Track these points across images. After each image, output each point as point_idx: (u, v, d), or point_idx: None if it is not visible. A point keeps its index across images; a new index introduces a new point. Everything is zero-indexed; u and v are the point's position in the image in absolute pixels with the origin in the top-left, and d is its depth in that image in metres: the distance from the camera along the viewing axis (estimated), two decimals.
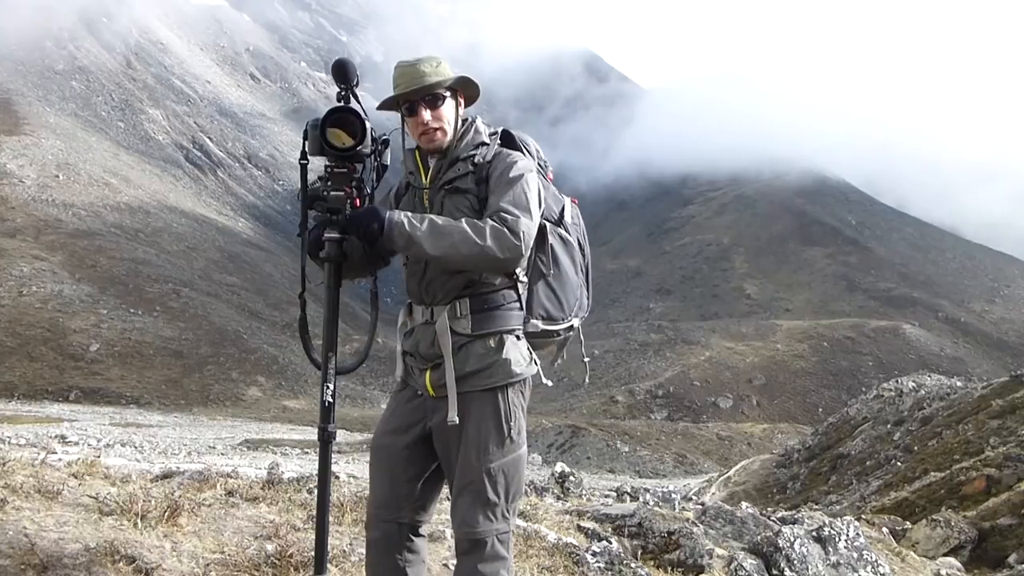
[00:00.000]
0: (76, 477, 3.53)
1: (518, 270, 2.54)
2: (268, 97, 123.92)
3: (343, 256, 2.54)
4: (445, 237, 2.38)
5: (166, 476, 4.51)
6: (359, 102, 2.55)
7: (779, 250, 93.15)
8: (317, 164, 2.61)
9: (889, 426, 24.40)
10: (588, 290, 2.78)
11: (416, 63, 2.54)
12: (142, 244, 65.52)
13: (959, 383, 30.99)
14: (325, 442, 2.56)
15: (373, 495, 2.68)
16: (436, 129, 2.56)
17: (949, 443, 18.48)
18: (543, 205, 2.58)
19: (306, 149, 2.54)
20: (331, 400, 2.52)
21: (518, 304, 2.57)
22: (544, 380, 2.66)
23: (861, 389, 47.47)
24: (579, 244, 2.72)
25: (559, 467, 7.77)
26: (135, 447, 24.62)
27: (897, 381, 32.40)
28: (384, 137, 2.61)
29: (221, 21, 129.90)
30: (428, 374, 2.55)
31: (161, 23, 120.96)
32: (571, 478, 7.54)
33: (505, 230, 2.39)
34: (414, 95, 2.53)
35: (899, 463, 19.72)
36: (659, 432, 43.60)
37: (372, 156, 2.57)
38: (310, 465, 20.85)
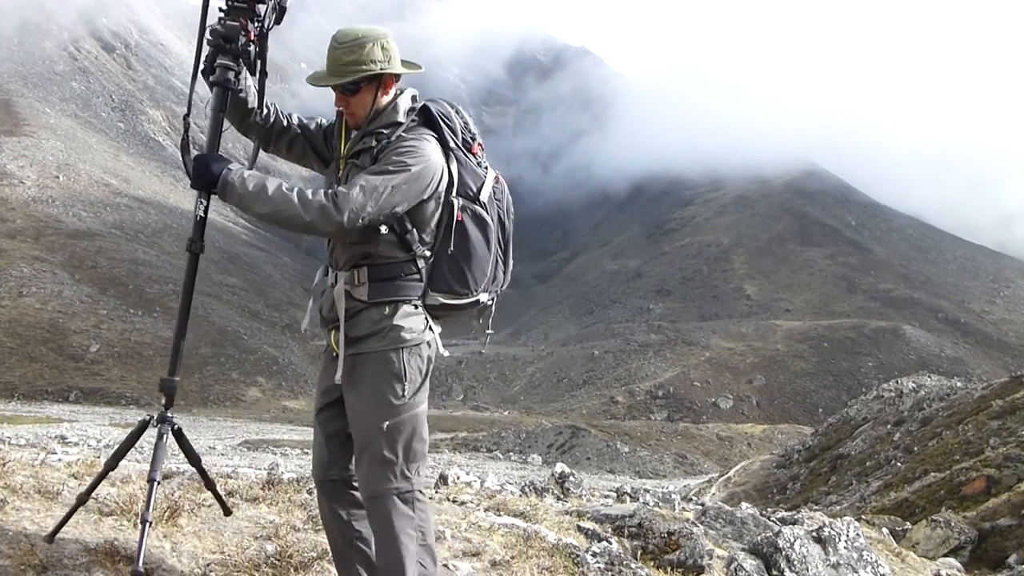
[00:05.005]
0: (76, 477, 3.53)
1: (417, 246, 2.61)
2: (268, 97, 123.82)
3: (230, 82, 2.66)
4: (271, 203, 2.46)
5: (166, 476, 4.49)
6: None
7: (779, 250, 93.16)
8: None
9: (889, 427, 24.40)
10: (506, 264, 2.82)
11: (341, 46, 2.58)
12: (142, 245, 65.54)
13: (959, 384, 31.01)
14: (194, 254, 2.70)
15: (311, 456, 2.85)
16: (351, 113, 2.66)
17: (949, 443, 18.47)
18: (431, 191, 2.58)
19: None
20: (203, 215, 2.65)
21: (417, 276, 2.64)
22: (441, 350, 2.73)
23: (861, 390, 47.44)
24: (499, 220, 2.76)
25: (559, 467, 7.76)
26: (135, 448, 24.58)
27: (897, 382, 32.41)
28: None
29: None
30: (332, 334, 2.68)
31: (161, 23, 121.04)
32: (571, 478, 7.53)
33: (331, 207, 2.44)
34: (323, 86, 2.64)
35: (899, 463, 19.72)
36: (659, 433, 43.62)
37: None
38: (309, 465, 20.83)
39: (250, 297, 64.98)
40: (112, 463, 2.69)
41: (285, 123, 2.86)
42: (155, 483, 2.53)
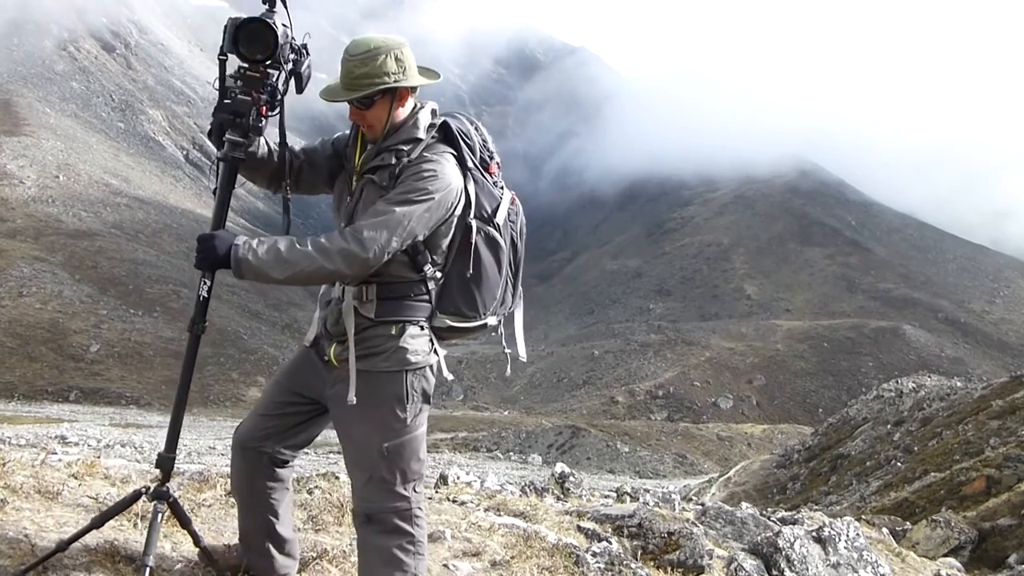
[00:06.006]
0: (76, 478, 3.53)
1: (428, 267, 2.56)
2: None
3: (238, 159, 2.58)
4: (291, 265, 2.38)
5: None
6: (285, 6, 2.58)
7: (779, 250, 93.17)
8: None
9: (889, 426, 24.41)
10: (515, 287, 2.79)
11: (354, 58, 2.49)
12: (142, 245, 65.54)
13: (959, 384, 31.03)
14: (196, 335, 2.64)
15: (244, 422, 2.79)
16: (367, 126, 2.59)
17: (949, 443, 18.48)
18: (449, 214, 2.53)
19: (224, 46, 2.55)
20: (206, 296, 2.58)
21: (427, 297, 2.59)
22: (446, 374, 2.69)
23: (861, 390, 47.48)
24: (512, 242, 2.72)
25: (559, 467, 7.77)
26: (135, 448, 24.63)
27: (897, 382, 32.42)
28: (305, 46, 2.63)
29: (221, 21, 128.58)
30: (333, 347, 2.61)
31: (161, 23, 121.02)
32: (571, 478, 7.54)
33: (354, 249, 2.39)
34: (337, 101, 2.54)
35: (899, 463, 19.72)
36: (659, 433, 43.61)
37: (290, 64, 2.59)
38: (310, 465, 20.84)
39: (250, 297, 64.96)
40: (99, 522, 2.62)
41: (290, 160, 2.79)
42: (148, 568, 2.43)
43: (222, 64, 2.56)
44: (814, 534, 4.94)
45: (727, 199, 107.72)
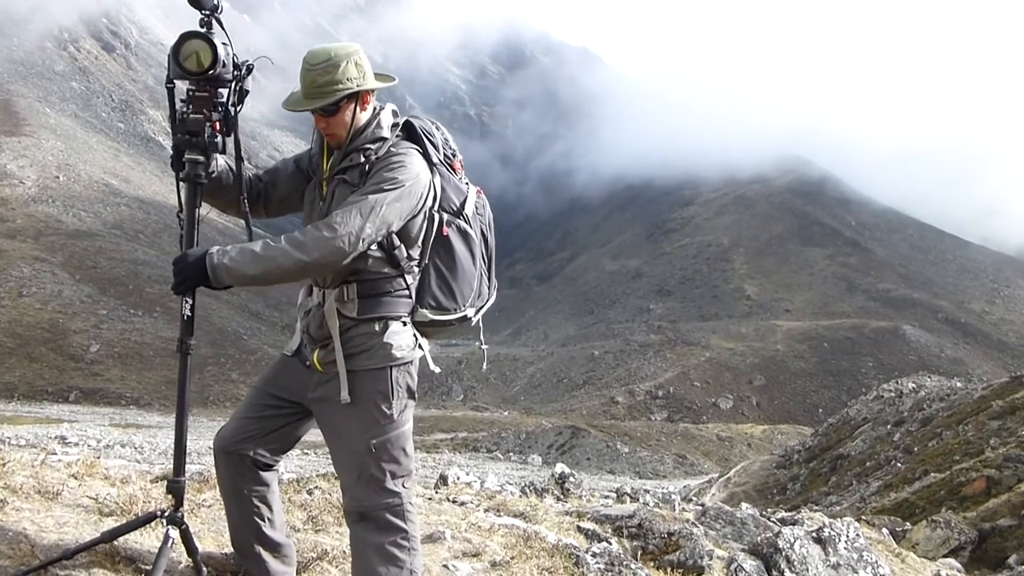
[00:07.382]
0: (76, 478, 3.53)
1: (404, 262, 2.61)
2: (268, 98, 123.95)
3: (200, 177, 2.63)
4: (267, 261, 2.42)
5: (166, 477, 4.50)
6: (222, 27, 2.63)
7: (779, 251, 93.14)
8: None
9: (889, 427, 24.40)
10: (490, 280, 2.85)
11: (315, 68, 2.54)
12: (142, 245, 65.53)
13: (959, 384, 31.00)
14: (185, 354, 2.66)
15: (224, 427, 2.79)
16: (331, 133, 2.64)
17: (949, 444, 18.48)
18: (421, 205, 2.59)
19: (170, 74, 2.57)
20: (190, 315, 2.63)
21: (407, 292, 2.64)
22: (432, 367, 2.74)
23: (861, 390, 47.43)
24: (482, 234, 2.78)
25: (559, 468, 7.76)
26: (135, 448, 24.65)
27: (897, 382, 32.40)
28: (248, 63, 2.66)
29: (222, 21, 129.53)
30: (317, 351, 2.64)
31: (161, 23, 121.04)
32: (571, 479, 7.53)
33: (327, 236, 2.43)
34: (303, 110, 2.58)
35: (899, 464, 19.72)
36: (659, 433, 43.59)
37: (234, 81, 2.63)
38: (310, 465, 20.86)
39: (250, 297, 64.97)
40: (109, 537, 2.65)
41: (253, 183, 2.81)
42: None
43: (170, 92, 2.60)
44: (814, 535, 4.95)
45: (727, 199, 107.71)
